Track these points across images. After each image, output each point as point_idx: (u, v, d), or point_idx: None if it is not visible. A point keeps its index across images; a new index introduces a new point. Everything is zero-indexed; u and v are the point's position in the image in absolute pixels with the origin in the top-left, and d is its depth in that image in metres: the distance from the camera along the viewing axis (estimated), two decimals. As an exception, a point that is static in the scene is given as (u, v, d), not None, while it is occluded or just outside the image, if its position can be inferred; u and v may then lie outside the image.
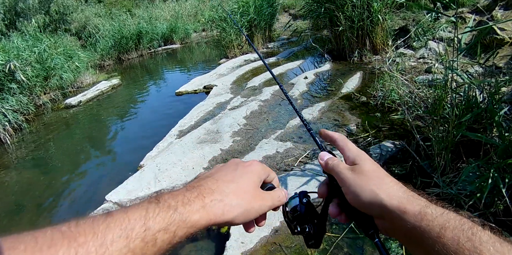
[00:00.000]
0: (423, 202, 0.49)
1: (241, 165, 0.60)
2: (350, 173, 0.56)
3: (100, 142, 5.74)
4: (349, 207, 0.56)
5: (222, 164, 0.61)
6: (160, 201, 0.47)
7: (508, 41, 4.94)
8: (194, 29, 17.52)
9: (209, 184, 0.53)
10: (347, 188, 0.55)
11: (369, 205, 0.52)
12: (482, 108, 2.46)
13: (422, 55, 6.06)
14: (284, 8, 16.16)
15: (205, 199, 0.50)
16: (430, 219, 0.46)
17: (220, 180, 0.55)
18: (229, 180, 0.55)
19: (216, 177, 0.55)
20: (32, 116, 7.21)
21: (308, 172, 3.17)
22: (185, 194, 0.49)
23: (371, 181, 0.53)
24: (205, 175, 0.57)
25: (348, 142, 0.62)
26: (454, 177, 2.54)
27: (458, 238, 0.43)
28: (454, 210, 0.48)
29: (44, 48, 8.27)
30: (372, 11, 6.39)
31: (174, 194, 0.49)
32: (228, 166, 0.60)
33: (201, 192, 0.51)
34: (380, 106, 4.51)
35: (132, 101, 7.91)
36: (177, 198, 0.48)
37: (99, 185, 4.10)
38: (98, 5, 20.43)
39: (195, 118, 5.33)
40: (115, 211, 0.45)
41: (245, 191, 0.55)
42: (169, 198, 0.48)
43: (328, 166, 0.60)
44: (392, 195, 0.51)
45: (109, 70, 11.93)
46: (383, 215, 0.51)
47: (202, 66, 10.56)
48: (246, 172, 0.58)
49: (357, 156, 0.58)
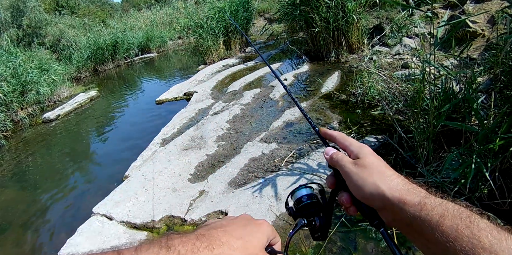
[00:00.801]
0: (422, 193, 0.51)
1: (253, 223, 0.59)
2: (353, 167, 0.58)
3: (82, 155, 5.64)
4: (355, 199, 0.58)
5: (233, 217, 0.61)
6: (170, 247, 0.47)
7: (481, 33, 5.10)
8: (170, 37, 17.49)
9: (220, 235, 0.53)
10: (350, 182, 0.58)
11: (372, 197, 0.54)
12: (459, 98, 2.52)
13: (398, 51, 6.19)
14: (259, 12, 16.29)
15: (214, 251, 0.49)
16: (430, 209, 0.48)
17: (230, 234, 0.54)
18: (238, 235, 0.55)
19: (226, 230, 0.55)
20: (10, 133, 7.04)
21: (295, 171, 3.18)
22: (195, 243, 0.49)
23: (373, 174, 0.56)
24: (215, 225, 0.57)
25: (349, 138, 0.64)
26: (438, 166, 2.60)
27: (457, 226, 0.44)
28: (452, 200, 0.50)
29: (19, 63, 8.10)
30: (346, 11, 6.51)
31: (184, 240, 0.49)
32: (239, 220, 0.59)
33: (211, 243, 0.50)
34: (360, 103, 4.57)
35: (112, 112, 7.81)
36: (187, 246, 0.48)
37: (85, 198, 4.03)
38: (72, 17, 20.18)
39: (177, 125, 5.30)
40: (125, 250, 0.44)
41: (251, 250, 0.54)
42: (179, 245, 0.47)
43: (333, 160, 0.63)
44: (393, 188, 0.53)
45: (86, 82, 11.77)
46: (385, 207, 0.53)
47: (181, 73, 10.52)
48: (256, 231, 0.58)
49: (360, 150, 0.60)
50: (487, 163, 2.09)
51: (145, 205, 3.23)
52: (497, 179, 2.22)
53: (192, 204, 3.13)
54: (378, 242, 2.24)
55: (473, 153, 2.10)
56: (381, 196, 0.53)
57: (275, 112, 5.02)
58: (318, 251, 2.28)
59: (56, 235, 3.42)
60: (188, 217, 2.92)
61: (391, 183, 0.54)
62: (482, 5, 5.59)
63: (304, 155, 3.53)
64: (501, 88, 2.59)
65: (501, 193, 2.21)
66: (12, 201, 4.37)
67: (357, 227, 2.40)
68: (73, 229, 3.05)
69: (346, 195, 0.60)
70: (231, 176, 3.44)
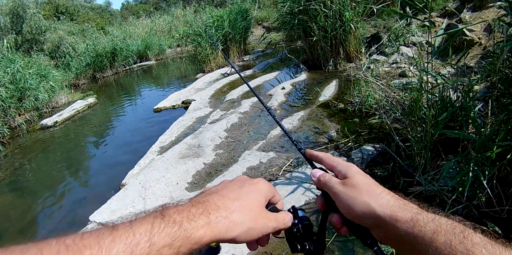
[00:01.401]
0: (414, 209, 0.51)
1: (248, 183, 0.59)
2: (342, 187, 0.57)
3: (80, 163, 5.61)
4: (346, 219, 0.58)
5: (228, 180, 0.61)
6: (165, 216, 0.47)
7: (478, 42, 5.14)
8: (169, 45, 17.54)
9: (215, 200, 0.52)
10: (340, 202, 0.57)
11: (363, 216, 0.54)
12: (457, 107, 2.53)
13: (395, 60, 6.23)
14: (258, 21, 16.40)
15: (210, 216, 0.49)
16: (422, 225, 0.47)
17: (226, 197, 0.54)
18: (234, 197, 0.54)
19: (222, 194, 0.54)
20: (7, 139, 7.00)
21: (293, 180, 3.17)
22: (191, 209, 0.49)
23: (363, 193, 0.55)
24: (211, 191, 0.56)
25: (335, 158, 0.64)
26: (435, 174, 2.60)
27: (451, 242, 0.44)
28: (445, 215, 0.49)
29: (18, 69, 8.10)
30: (344, 21, 6.55)
31: (179, 209, 0.49)
32: (234, 183, 0.59)
33: (207, 208, 0.50)
34: (358, 112, 4.58)
35: (110, 120, 7.80)
36: (183, 213, 0.48)
37: (81, 206, 4.00)
38: (71, 23, 20.27)
39: (175, 134, 5.29)
40: (120, 224, 0.44)
41: (250, 209, 0.54)
42: (174, 213, 0.47)
43: (321, 182, 0.62)
44: (384, 205, 0.52)
45: (84, 89, 11.77)
46: (377, 225, 0.52)
47: (179, 81, 10.53)
48: (252, 190, 0.57)
49: (347, 169, 0.60)
50: (484, 171, 2.09)
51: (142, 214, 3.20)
52: (495, 187, 2.22)
53: (189, 213, 3.10)
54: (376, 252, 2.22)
55: (470, 161, 2.10)
56: (373, 214, 0.52)
57: (273, 121, 5.00)
58: (316, 260, 2.26)
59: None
60: (185, 226, 2.89)
61: (381, 200, 0.53)
62: (479, 14, 5.65)
63: (302, 164, 3.52)
64: (498, 96, 2.60)
65: (498, 201, 2.21)
66: (8, 208, 4.33)
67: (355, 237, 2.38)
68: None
69: (336, 216, 0.59)
70: (228, 185, 3.41)
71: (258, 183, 0.59)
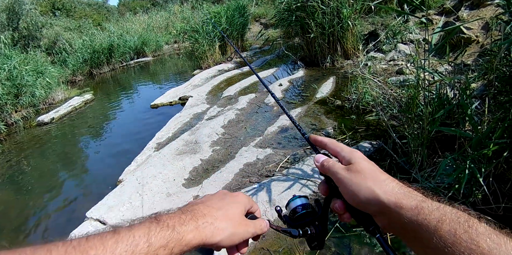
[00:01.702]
0: (419, 197, 0.50)
1: (229, 195, 0.66)
2: (346, 173, 0.57)
3: (76, 159, 5.59)
4: (349, 205, 0.57)
5: (211, 194, 0.67)
6: (160, 221, 0.53)
7: (475, 39, 5.14)
8: (166, 41, 17.46)
9: (201, 209, 0.59)
10: (344, 188, 0.56)
11: (367, 203, 0.53)
12: (454, 104, 2.54)
13: (392, 57, 6.23)
14: (255, 18, 16.34)
15: (198, 221, 0.56)
16: (427, 213, 0.47)
17: (211, 207, 0.60)
18: (218, 207, 0.61)
19: (207, 204, 0.61)
20: (3, 136, 6.97)
21: (290, 176, 3.18)
22: (181, 216, 0.55)
23: (367, 179, 0.54)
24: (196, 202, 0.63)
25: (339, 144, 0.64)
26: (432, 171, 2.61)
27: (455, 231, 0.43)
28: (449, 204, 0.49)
29: (14, 65, 8.05)
30: (342, 17, 6.54)
31: (171, 215, 0.55)
32: (217, 196, 0.66)
33: (195, 215, 0.56)
34: (355, 109, 4.59)
35: (107, 116, 7.76)
36: (174, 219, 0.54)
37: (78, 203, 3.99)
38: (67, 19, 20.14)
39: (172, 130, 5.28)
40: (121, 228, 0.50)
41: (231, 217, 0.60)
42: (167, 219, 0.54)
43: (324, 167, 0.62)
44: (389, 192, 0.52)
45: (81, 85, 11.71)
46: (381, 212, 0.52)
47: (176, 77, 10.49)
48: (233, 201, 0.64)
49: (352, 155, 0.59)
50: (481, 168, 2.10)
51: (139, 210, 3.21)
52: (491, 184, 2.23)
53: (186, 209, 3.10)
54: (372, 247, 2.23)
55: (467, 158, 2.11)
56: (377, 201, 0.52)
57: (270, 117, 5.02)
58: (313, 256, 2.27)
59: (49, 239, 3.35)
60: (182, 222, 2.89)
61: (386, 187, 0.53)
62: (477, 12, 5.65)
63: (299, 160, 3.53)
64: (495, 94, 2.61)
65: (495, 198, 2.22)
66: (4, 205, 4.31)
67: (351, 233, 2.39)
68: (66, 234, 3.01)
69: (339, 202, 0.59)
70: (225, 181, 3.42)
71: (238, 196, 0.66)
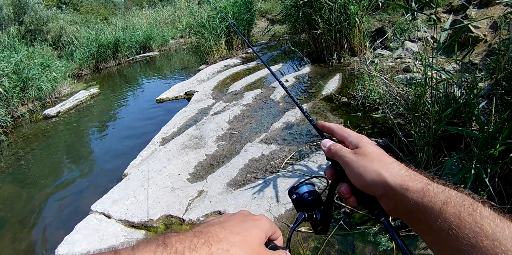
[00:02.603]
0: (425, 180, 0.51)
1: (250, 218, 0.59)
2: (353, 156, 0.58)
3: (82, 153, 5.63)
4: (355, 189, 0.58)
5: (231, 214, 0.61)
6: (167, 244, 0.46)
7: (483, 38, 5.10)
8: (172, 36, 17.46)
9: (217, 231, 0.52)
10: (350, 171, 0.57)
11: (373, 185, 0.54)
12: (461, 103, 2.53)
13: (399, 55, 6.19)
14: (262, 13, 16.29)
15: (212, 247, 0.48)
16: (432, 196, 0.47)
17: (228, 230, 0.53)
18: (237, 231, 0.54)
19: (224, 226, 0.54)
20: (10, 128, 7.03)
21: (295, 173, 3.18)
22: (193, 239, 0.48)
23: (374, 162, 0.55)
24: (213, 222, 0.56)
25: (346, 129, 0.64)
26: (437, 170, 2.60)
27: (460, 213, 0.44)
28: (454, 188, 0.49)
29: (21, 59, 8.09)
30: (349, 14, 6.51)
31: (181, 238, 0.48)
32: (237, 217, 0.59)
33: (209, 239, 0.49)
34: (361, 106, 4.58)
35: (112, 110, 7.80)
36: (184, 243, 0.47)
37: (83, 196, 4.02)
38: (74, 13, 20.18)
39: (178, 125, 5.30)
40: (122, 250, 0.44)
41: (250, 245, 0.53)
42: (176, 242, 0.47)
43: (332, 151, 0.62)
44: (395, 174, 0.53)
45: (87, 79, 11.77)
46: (387, 194, 0.52)
47: (182, 72, 10.50)
48: (254, 226, 0.57)
49: (359, 139, 0.60)
50: (487, 168, 2.09)
51: (144, 204, 3.23)
52: (497, 185, 2.22)
53: (190, 204, 3.12)
54: (376, 245, 2.24)
55: (473, 158, 2.10)
56: (383, 183, 0.52)
57: (275, 113, 5.02)
58: (316, 253, 2.28)
59: (54, 232, 3.42)
60: (186, 217, 2.92)
61: (392, 170, 0.53)
62: (485, 10, 5.60)
63: (304, 157, 3.53)
64: (502, 94, 2.59)
65: (500, 199, 2.21)
66: (10, 197, 4.36)
67: (355, 230, 2.40)
68: (71, 227, 3.04)
69: (345, 186, 0.59)
70: (230, 177, 3.43)
71: (260, 219, 0.60)
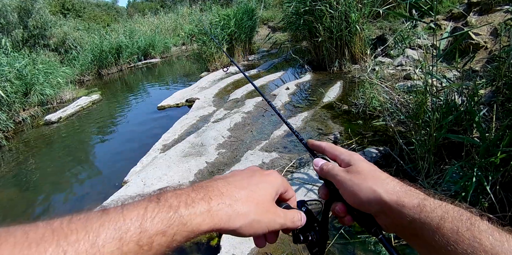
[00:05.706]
0: (421, 195, 0.50)
1: (259, 173, 0.55)
2: (346, 174, 0.56)
3: (82, 159, 5.62)
4: (350, 208, 0.56)
5: (239, 169, 0.57)
6: (160, 200, 0.42)
7: (483, 45, 5.12)
8: (174, 43, 17.57)
9: (219, 186, 0.48)
10: (344, 189, 0.55)
11: (368, 203, 0.52)
12: (461, 111, 2.52)
13: (400, 62, 6.21)
14: (263, 21, 16.38)
15: (212, 202, 0.45)
16: (429, 211, 0.46)
17: (233, 185, 0.49)
18: (242, 186, 0.50)
19: (228, 180, 0.51)
20: (11, 133, 7.04)
21: (296, 181, 3.17)
22: (190, 194, 0.44)
23: (368, 179, 0.54)
24: (217, 177, 0.53)
25: (338, 147, 0.63)
26: (438, 178, 2.59)
27: (457, 228, 0.43)
28: (451, 202, 0.48)
29: (24, 64, 8.14)
30: (350, 22, 6.55)
31: (177, 193, 0.44)
32: (245, 172, 0.55)
33: (208, 194, 0.46)
34: (362, 114, 4.58)
35: (113, 116, 7.81)
36: (180, 197, 0.43)
37: (83, 202, 4.00)
38: (77, 20, 20.35)
39: (178, 132, 5.30)
40: (112, 208, 0.41)
41: (257, 201, 0.50)
42: (171, 197, 0.43)
43: (324, 171, 0.60)
44: (390, 190, 0.51)
45: (89, 86, 11.81)
46: (383, 211, 0.51)
47: (183, 80, 10.53)
48: (262, 181, 0.53)
49: (351, 157, 0.59)
50: (488, 176, 2.08)
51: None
52: (498, 193, 2.20)
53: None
54: (377, 254, 2.22)
55: (474, 166, 2.10)
56: (378, 200, 0.51)
57: (276, 121, 5.02)
58: (316, 262, 2.25)
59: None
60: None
61: (387, 186, 0.52)
62: (485, 17, 5.63)
63: (305, 165, 3.52)
64: (503, 101, 2.59)
65: (501, 207, 2.19)
66: (11, 202, 4.35)
67: (356, 239, 2.38)
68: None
69: (340, 205, 0.57)
70: (230, 184, 3.41)
71: (270, 175, 0.56)
